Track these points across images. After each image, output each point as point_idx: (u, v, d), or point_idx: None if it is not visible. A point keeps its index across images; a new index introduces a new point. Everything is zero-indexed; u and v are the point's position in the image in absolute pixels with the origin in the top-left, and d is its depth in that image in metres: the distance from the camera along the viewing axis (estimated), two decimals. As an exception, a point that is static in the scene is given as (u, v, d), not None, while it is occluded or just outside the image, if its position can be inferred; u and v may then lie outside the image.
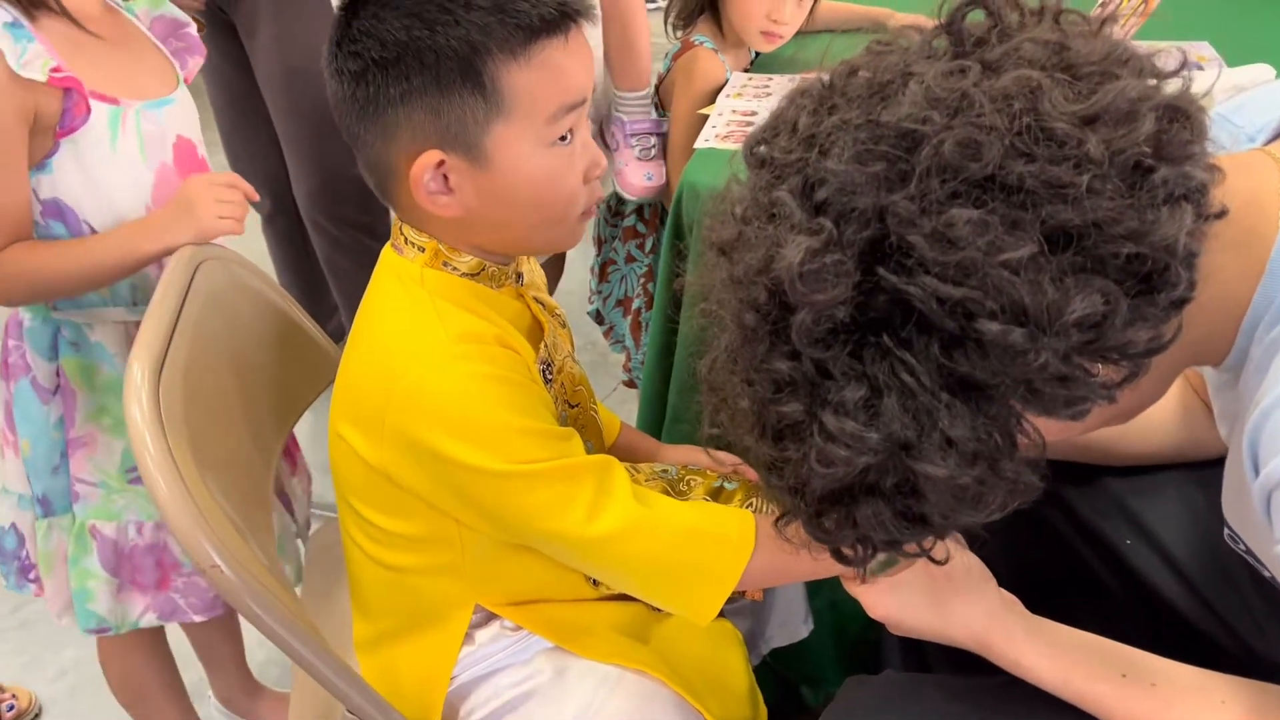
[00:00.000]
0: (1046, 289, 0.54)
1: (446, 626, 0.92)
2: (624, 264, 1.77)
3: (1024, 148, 0.55)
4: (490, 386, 0.81)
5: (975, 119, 0.56)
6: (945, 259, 0.54)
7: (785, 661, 1.43)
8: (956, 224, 0.54)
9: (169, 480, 0.77)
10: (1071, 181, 0.54)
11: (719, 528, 0.86)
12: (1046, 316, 0.54)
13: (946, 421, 0.56)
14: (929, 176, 0.55)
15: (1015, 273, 0.53)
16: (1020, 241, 0.54)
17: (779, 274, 0.57)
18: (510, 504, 0.82)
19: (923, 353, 0.56)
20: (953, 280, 0.54)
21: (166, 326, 0.90)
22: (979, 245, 0.54)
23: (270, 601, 0.80)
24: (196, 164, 1.14)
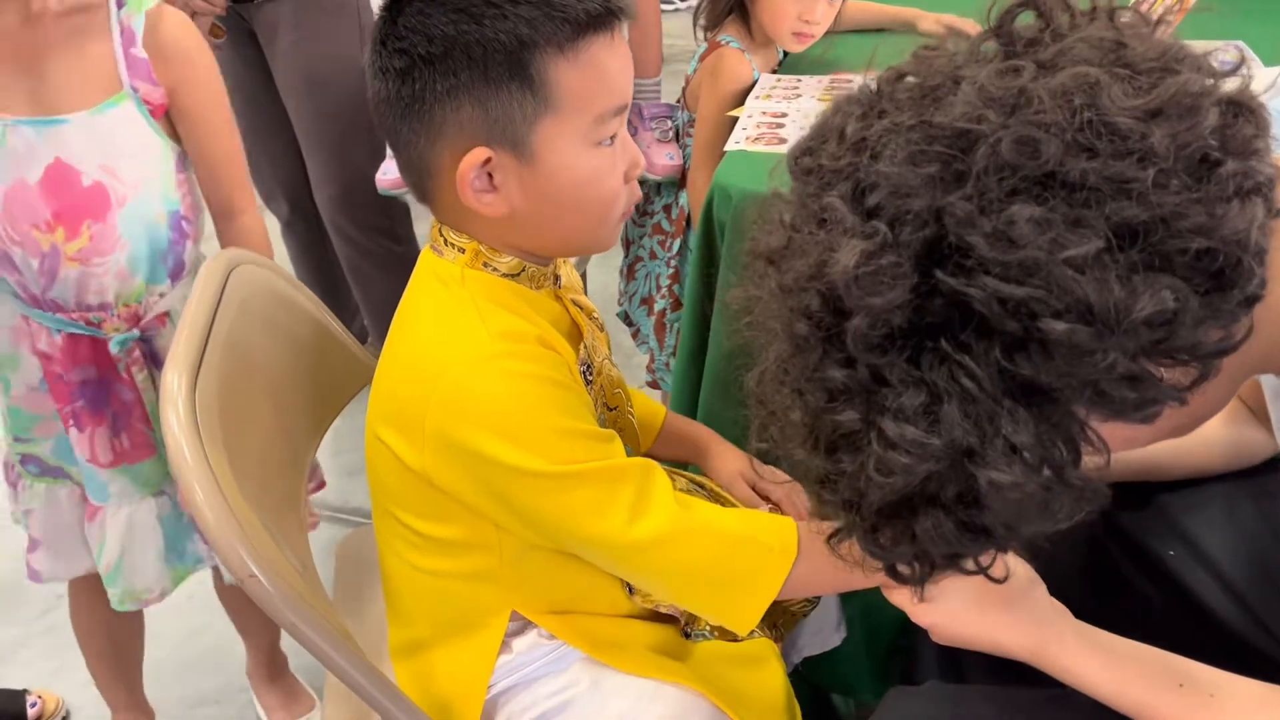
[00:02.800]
0: (1113, 287, 0.52)
1: (483, 633, 0.91)
2: (649, 260, 1.76)
3: (1085, 143, 0.53)
4: (532, 386, 0.80)
5: (1033, 116, 0.54)
6: (1006, 258, 0.53)
7: (817, 670, 1.41)
8: (1017, 222, 0.53)
9: (206, 489, 0.77)
10: (1136, 176, 0.53)
11: (762, 535, 0.85)
12: (1114, 315, 0.52)
13: (1010, 428, 0.55)
14: (986, 175, 0.54)
15: (1080, 270, 0.52)
16: (1084, 238, 0.52)
17: (833, 279, 0.56)
18: (551, 505, 0.81)
19: (983, 356, 0.55)
20: (1015, 280, 0.53)
21: (201, 334, 0.89)
22: (1041, 243, 0.53)
23: (306, 610, 0.79)
24: (77, 193, 1.10)
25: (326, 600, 0.87)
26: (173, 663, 1.71)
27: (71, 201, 1.09)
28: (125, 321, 1.17)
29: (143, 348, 1.18)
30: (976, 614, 0.84)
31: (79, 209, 1.10)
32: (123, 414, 1.19)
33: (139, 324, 1.17)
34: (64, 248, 1.10)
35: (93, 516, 1.23)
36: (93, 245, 1.11)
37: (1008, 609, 0.83)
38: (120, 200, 1.12)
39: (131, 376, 1.17)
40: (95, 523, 1.23)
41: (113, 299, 1.15)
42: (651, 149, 1.69)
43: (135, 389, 1.18)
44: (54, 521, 1.25)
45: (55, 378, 1.16)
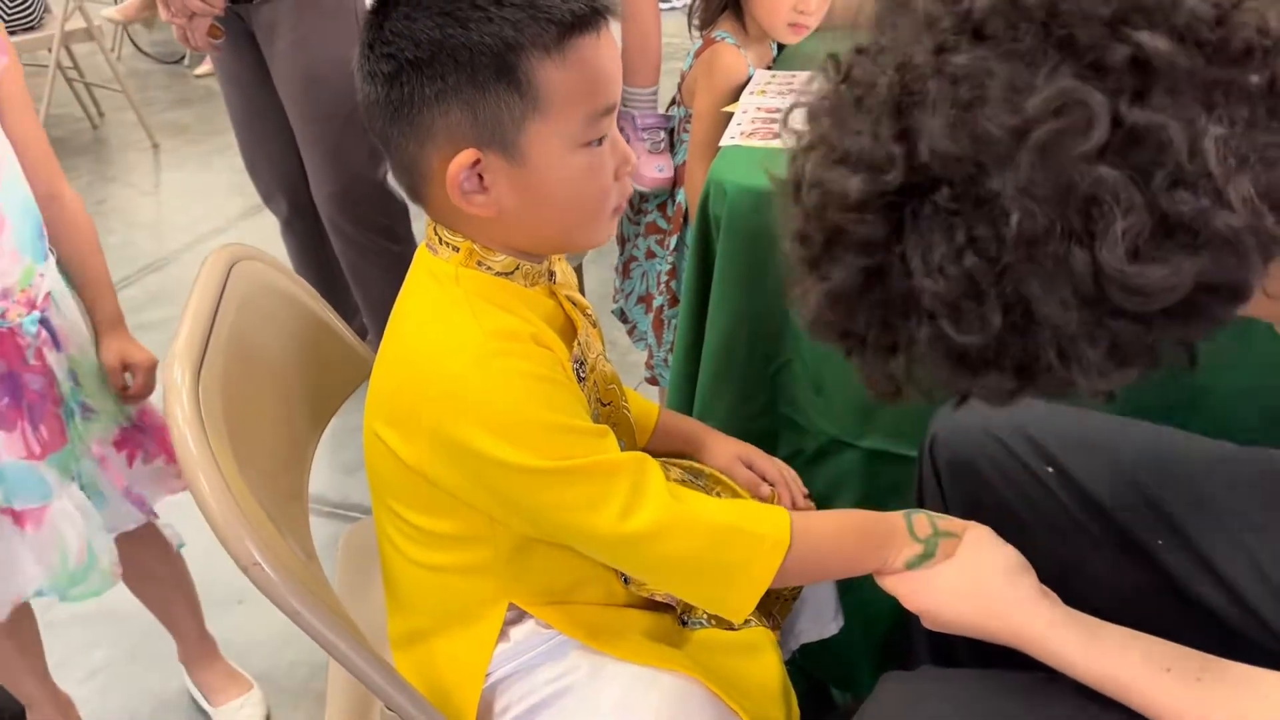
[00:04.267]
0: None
1: (481, 624, 0.92)
2: (645, 260, 1.77)
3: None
4: (526, 383, 0.81)
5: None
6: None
7: (814, 660, 1.42)
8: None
9: (210, 478, 0.78)
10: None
11: (754, 525, 0.86)
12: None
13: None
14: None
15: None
16: None
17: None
18: (546, 500, 0.82)
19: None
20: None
21: (204, 328, 0.90)
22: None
23: (310, 600, 0.80)
24: None
25: (330, 589, 0.88)
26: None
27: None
28: (24, 307, 1.16)
29: (43, 330, 1.18)
30: (967, 598, 0.86)
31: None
32: (37, 405, 1.19)
33: (36, 307, 1.17)
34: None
35: (38, 523, 1.21)
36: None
37: (998, 594, 0.84)
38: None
39: (43, 360, 1.17)
40: (45, 527, 1.21)
41: (11, 284, 1.14)
42: (641, 160, 1.70)
43: (43, 374, 1.18)
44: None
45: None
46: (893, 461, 1.29)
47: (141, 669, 1.71)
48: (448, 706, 0.92)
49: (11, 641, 1.42)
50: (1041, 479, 1.01)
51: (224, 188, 3.62)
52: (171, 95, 4.83)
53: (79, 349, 1.25)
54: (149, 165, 4.08)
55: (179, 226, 3.53)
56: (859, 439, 1.30)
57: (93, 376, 1.27)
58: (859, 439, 1.30)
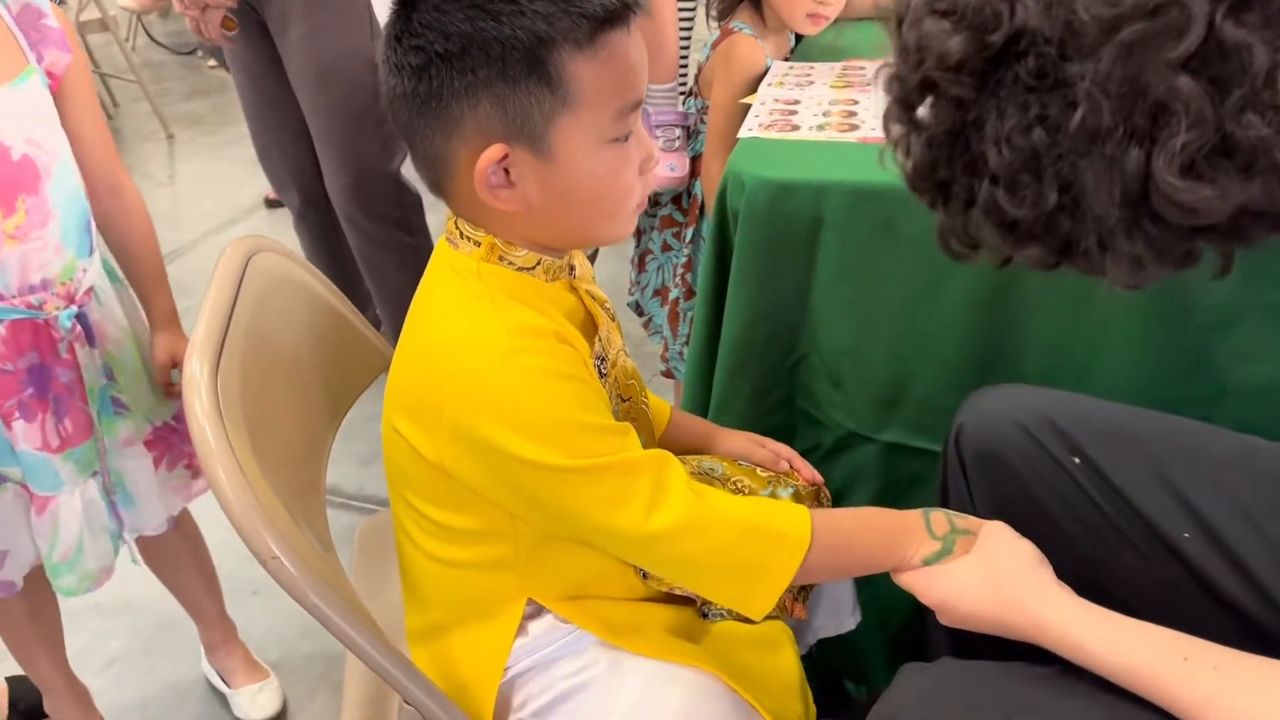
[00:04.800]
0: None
1: (500, 619, 0.92)
2: (660, 253, 1.76)
3: None
4: (549, 381, 0.81)
5: None
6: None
7: (828, 653, 1.42)
8: None
9: (229, 472, 0.78)
10: None
11: (776, 524, 0.86)
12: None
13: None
14: None
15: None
16: None
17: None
18: (568, 499, 0.82)
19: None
20: None
21: (222, 320, 0.90)
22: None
23: (329, 594, 0.80)
24: (6, 167, 1.10)
25: (347, 583, 0.88)
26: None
27: (3, 177, 1.10)
28: (63, 300, 1.17)
29: (80, 323, 1.18)
30: (984, 592, 0.85)
31: (12, 184, 1.11)
32: (64, 397, 1.19)
33: (75, 301, 1.18)
34: (1, 226, 1.10)
35: (42, 509, 1.22)
36: (29, 220, 1.12)
37: (1014, 586, 0.84)
38: (47, 170, 1.13)
39: (75, 354, 1.18)
40: (46, 515, 1.23)
41: (53, 276, 1.15)
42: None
43: (74, 369, 1.19)
44: (6, 528, 1.25)
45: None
46: (911, 455, 1.28)
47: (157, 659, 1.71)
48: (466, 701, 0.92)
49: (31, 624, 1.43)
50: (1068, 470, 1.00)
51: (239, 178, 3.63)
52: (186, 86, 4.84)
53: (116, 344, 1.25)
54: (164, 156, 4.09)
55: (194, 217, 3.54)
56: (877, 432, 1.29)
57: (130, 373, 1.27)
58: (877, 432, 1.29)
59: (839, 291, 1.23)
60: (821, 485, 1.16)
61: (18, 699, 1.58)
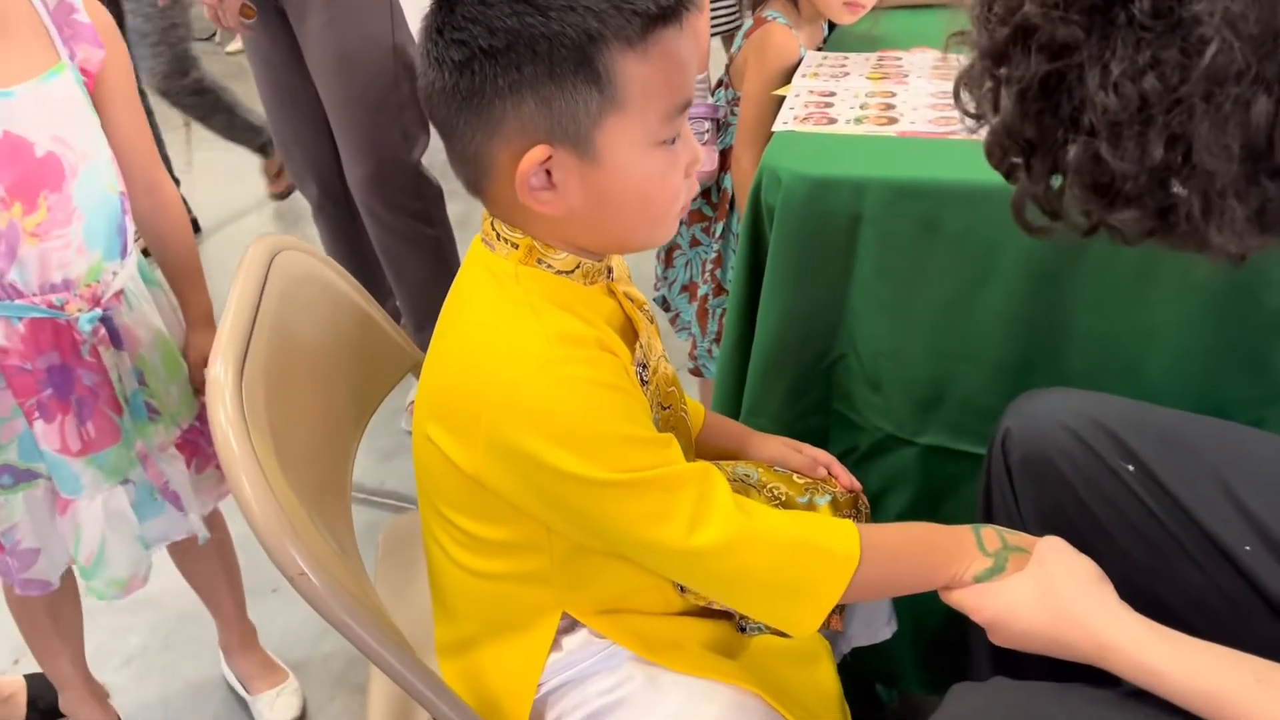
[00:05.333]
0: None
1: (533, 633, 0.89)
2: (688, 248, 1.73)
3: None
4: (592, 391, 0.77)
5: None
6: None
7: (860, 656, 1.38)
8: None
9: (253, 481, 0.75)
10: None
11: (823, 540, 0.82)
12: None
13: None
14: None
15: None
16: None
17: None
18: (609, 513, 0.79)
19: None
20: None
21: (246, 322, 0.87)
22: None
23: (356, 609, 0.77)
24: (30, 164, 1.08)
25: (373, 593, 0.85)
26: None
27: (25, 173, 1.07)
28: (87, 302, 1.15)
29: (105, 327, 1.16)
30: (1040, 610, 0.81)
31: (34, 180, 1.08)
32: (87, 400, 1.17)
33: (100, 304, 1.16)
34: (22, 223, 1.08)
35: (64, 510, 1.21)
36: (51, 218, 1.09)
37: (1074, 602, 0.80)
38: (73, 169, 1.11)
39: (99, 358, 1.15)
40: (67, 516, 1.21)
41: (75, 277, 1.13)
42: None
43: (99, 372, 1.17)
44: (39, 525, 1.23)
45: (16, 371, 1.13)
46: (951, 458, 1.24)
47: (177, 656, 1.69)
48: (497, 717, 0.89)
49: (51, 621, 1.42)
50: (1122, 478, 0.96)
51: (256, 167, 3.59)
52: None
53: (148, 347, 1.23)
54: (180, 145, 4.07)
55: (210, 206, 3.51)
56: (917, 435, 1.25)
57: (160, 377, 1.25)
58: (917, 435, 1.25)
59: (878, 290, 1.19)
60: (860, 492, 1.13)
61: (36, 696, 1.56)
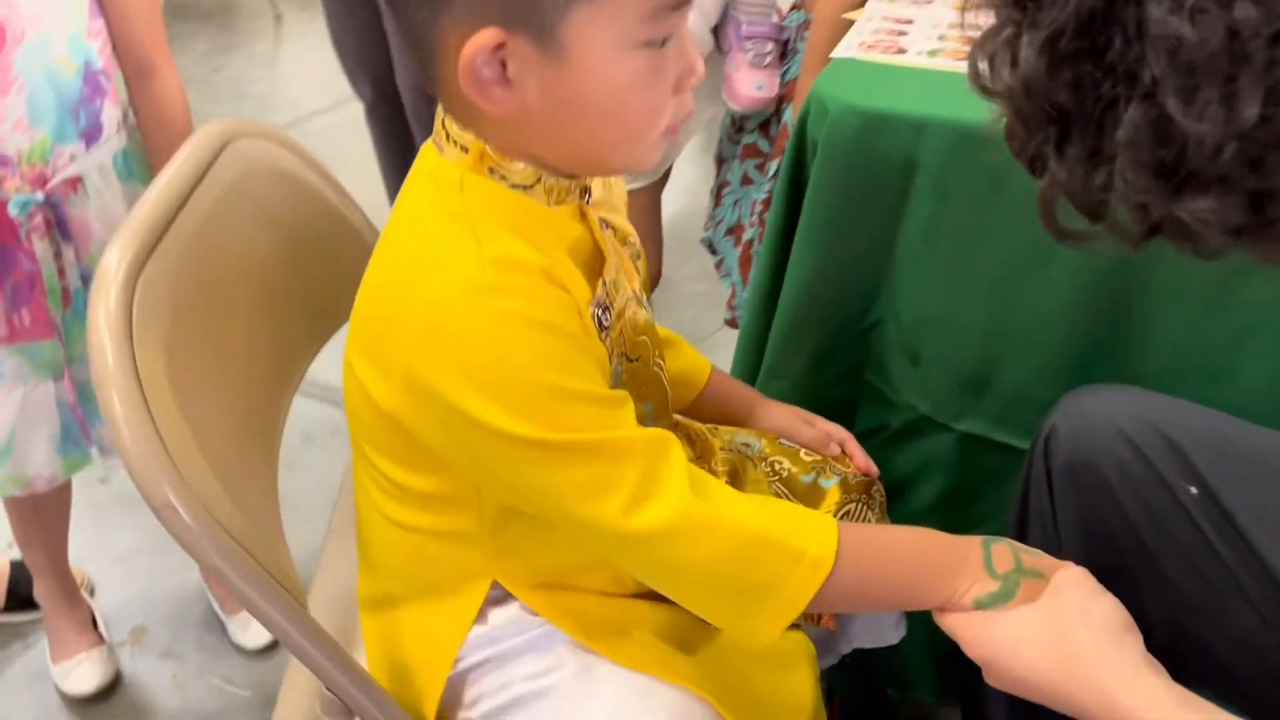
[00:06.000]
0: None
1: (456, 600, 0.78)
2: (739, 186, 1.57)
3: None
4: (524, 331, 0.65)
5: None
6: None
7: (871, 659, 1.26)
8: None
9: (126, 401, 0.64)
10: None
11: (792, 538, 0.69)
12: None
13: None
14: None
15: None
16: None
17: None
18: (535, 479, 0.67)
19: None
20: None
21: (166, 210, 0.76)
22: None
23: (240, 557, 0.67)
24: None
25: (275, 549, 0.74)
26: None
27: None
28: (29, 183, 1.07)
29: (48, 214, 1.07)
30: (1048, 651, 0.68)
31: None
32: (24, 286, 1.10)
33: (44, 187, 1.07)
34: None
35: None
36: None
37: (1089, 651, 0.66)
38: (17, 35, 1.02)
39: (32, 245, 1.07)
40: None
41: (13, 153, 1.05)
42: (739, 73, 1.47)
43: (35, 259, 1.09)
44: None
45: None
46: (991, 450, 1.10)
47: (166, 563, 1.63)
48: (409, 689, 0.79)
49: (32, 509, 1.37)
50: (1180, 499, 0.82)
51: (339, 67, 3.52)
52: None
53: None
54: (270, 36, 4.01)
55: (285, 103, 3.45)
56: (955, 420, 1.10)
57: None
58: (955, 420, 1.10)
59: (929, 250, 1.04)
60: (875, 479, 0.99)
61: (17, 583, 1.53)
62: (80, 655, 1.45)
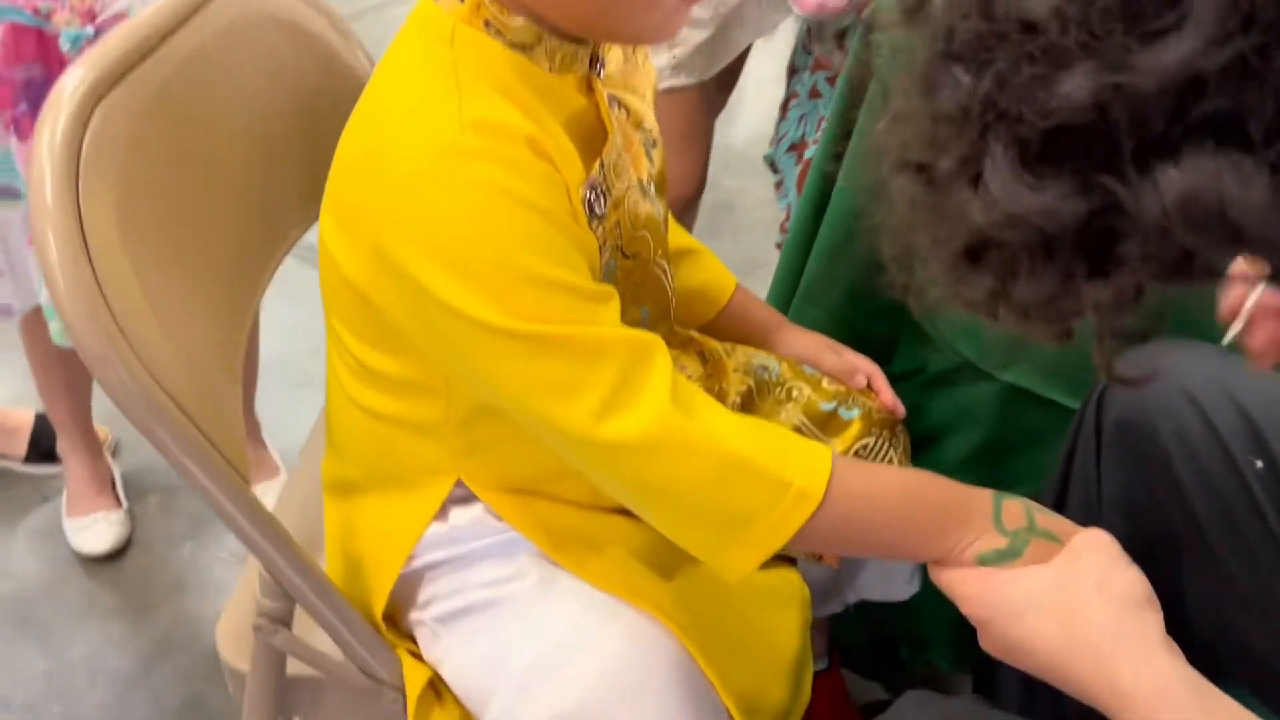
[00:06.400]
0: None
1: (417, 494, 0.73)
2: (807, 99, 1.46)
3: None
4: (503, 205, 0.59)
5: None
6: None
7: (884, 612, 1.19)
8: None
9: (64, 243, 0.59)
10: None
11: (779, 467, 0.62)
12: None
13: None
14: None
15: None
16: None
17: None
18: (501, 370, 0.61)
19: None
20: None
21: (147, 36, 0.69)
22: None
23: (179, 424, 0.62)
24: None
25: (224, 417, 0.69)
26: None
27: None
28: (79, 16, 1.03)
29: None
30: (1053, 620, 0.61)
31: None
32: None
33: (94, 22, 1.03)
34: None
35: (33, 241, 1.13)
36: None
37: (1101, 624, 0.60)
38: None
39: None
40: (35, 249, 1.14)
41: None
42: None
43: None
44: (9, 247, 1.16)
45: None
46: (1037, 405, 1.00)
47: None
48: (360, 581, 0.75)
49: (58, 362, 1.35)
50: (1242, 472, 0.74)
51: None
52: None
53: None
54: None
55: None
56: (1001, 369, 1.01)
57: None
58: (1001, 369, 1.01)
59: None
60: (900, 419, 0.91)
61: (40, 435, 1.53)
62: (97, 514, 1.45)
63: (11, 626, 1.35)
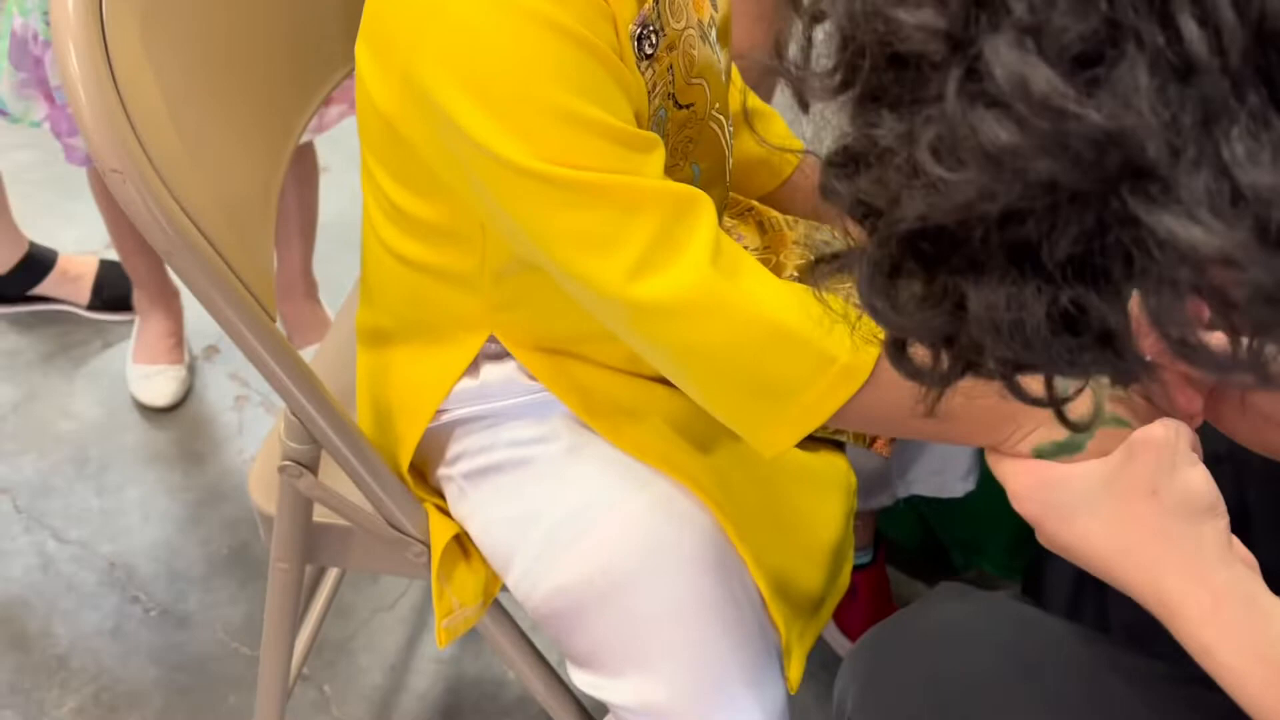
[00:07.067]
0: None
1: (450, 348, 0.70)
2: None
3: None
4: (542, 34, 0.54)
5: None
6: None
7: (937, 512, 1.15)
8: None
9: (84, 51, 0.56)
10: None
11: (825, 341, 0.57)
12: None
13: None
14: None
15: None
16: None
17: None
18: (530, 215, 0.57)
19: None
20: None
21: None
22: None
23: (199, 247, 0.59)
24: None
25: (250, 248, 0.66)
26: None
27: None
28: None
29: None
30: (1108, 521, 0.56)
31: None
32: None
33: None
34: None
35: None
36: None
37: (1156, 527, 0.54)
38: None
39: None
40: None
41: None
42: None
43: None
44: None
45: None
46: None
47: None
48: (387, 432, 0.73)
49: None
50: None
51: None
52: None
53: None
54: None
55: None
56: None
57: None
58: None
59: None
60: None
61: (103, 284, 1.54)
62: (162, 365, 1.46)
63: (71, 465, 1.38)
